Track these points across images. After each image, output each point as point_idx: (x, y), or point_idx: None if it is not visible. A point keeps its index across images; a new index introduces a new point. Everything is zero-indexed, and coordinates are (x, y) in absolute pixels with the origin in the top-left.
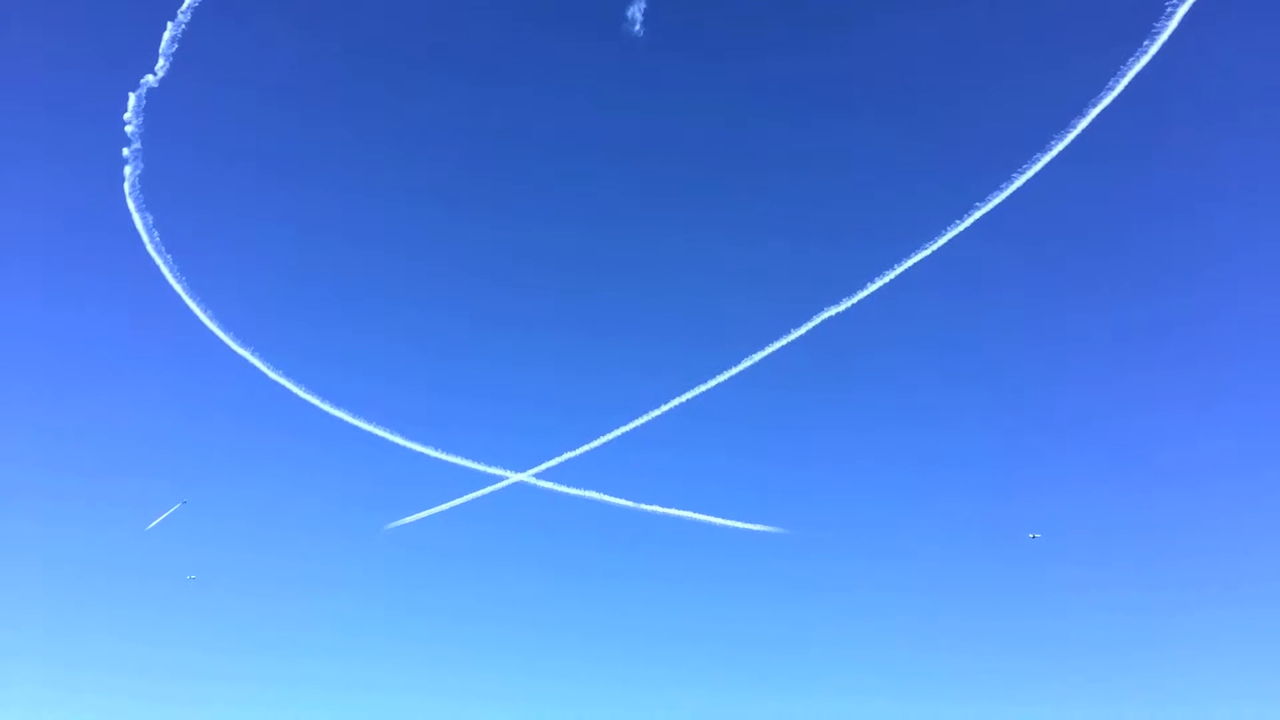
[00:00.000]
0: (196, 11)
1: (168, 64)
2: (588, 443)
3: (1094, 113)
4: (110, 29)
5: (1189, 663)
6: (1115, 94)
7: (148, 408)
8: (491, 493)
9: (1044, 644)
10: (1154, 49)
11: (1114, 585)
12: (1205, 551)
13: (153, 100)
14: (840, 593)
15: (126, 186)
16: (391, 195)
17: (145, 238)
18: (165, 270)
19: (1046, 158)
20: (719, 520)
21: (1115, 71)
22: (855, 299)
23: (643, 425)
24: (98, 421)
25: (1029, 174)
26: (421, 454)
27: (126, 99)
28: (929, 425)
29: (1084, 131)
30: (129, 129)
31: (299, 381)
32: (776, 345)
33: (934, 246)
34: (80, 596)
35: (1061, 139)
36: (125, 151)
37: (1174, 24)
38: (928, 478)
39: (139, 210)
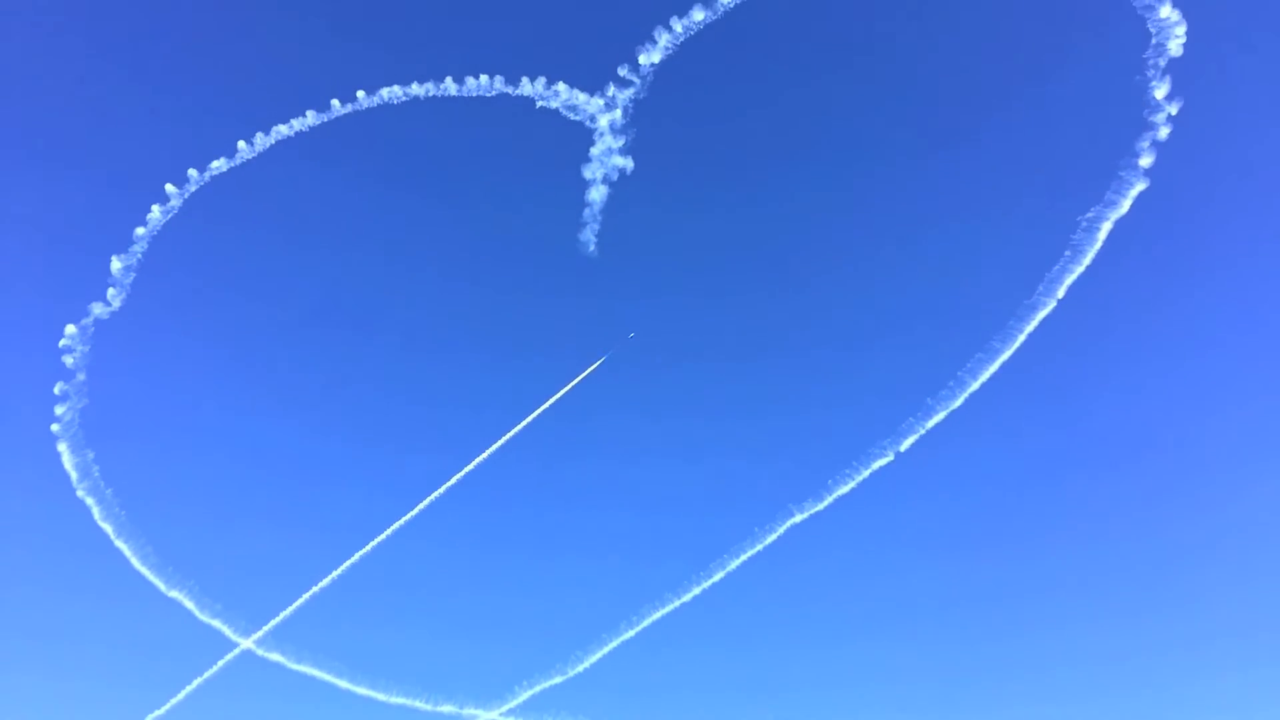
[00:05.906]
0: (153, 241)
1: (120, 294)
2: (559, 673)
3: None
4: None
5: None
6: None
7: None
8: None
9: None
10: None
11: None
12: None
13: (99, 331)
14: None
15: (56, 427)
16: (344, 432)
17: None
18: (96, 510)
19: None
20: None
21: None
22: (826, 501)
23: (615, 648)
24: (29, 673)
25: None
26: (377, 699)
27: (64, 329)
28: (928, 624)
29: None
30: (68, 360)
31: (231, 624)
32: (749, 553)
33: (913, 437)
34: None
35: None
36: (58, 388)
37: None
38: (937, 689)
39: (72, 450)
